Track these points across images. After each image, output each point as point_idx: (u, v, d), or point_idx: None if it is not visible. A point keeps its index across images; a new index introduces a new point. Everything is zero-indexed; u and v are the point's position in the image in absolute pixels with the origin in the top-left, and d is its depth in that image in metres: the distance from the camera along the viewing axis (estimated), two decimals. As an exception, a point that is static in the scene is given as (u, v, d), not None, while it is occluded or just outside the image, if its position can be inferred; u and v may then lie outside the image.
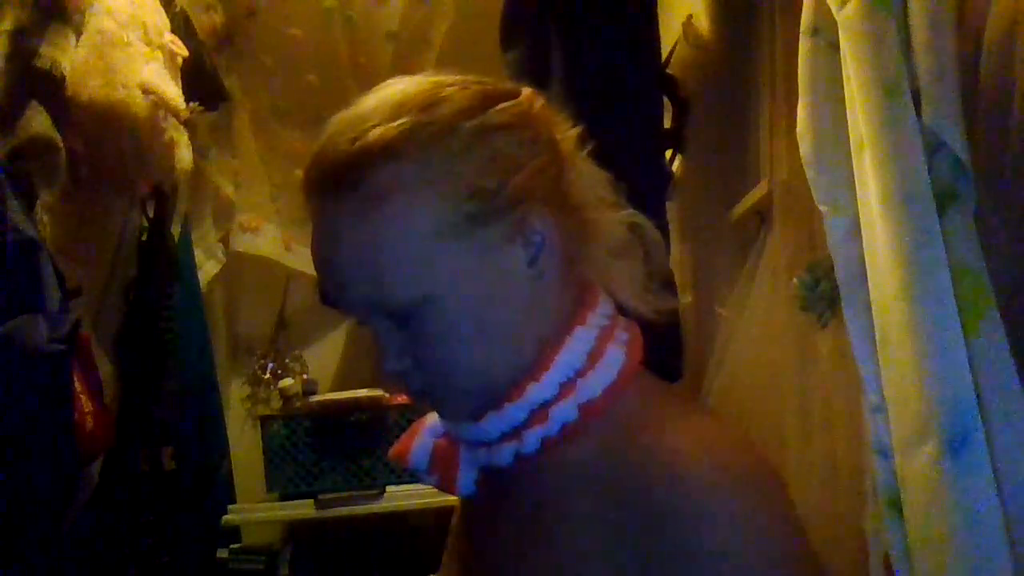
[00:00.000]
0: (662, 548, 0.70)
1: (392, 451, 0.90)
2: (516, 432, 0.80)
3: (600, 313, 0.83)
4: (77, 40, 1.74)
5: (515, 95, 0.82)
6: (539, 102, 0.83)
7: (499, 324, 0.79)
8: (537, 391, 0.79)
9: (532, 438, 0.79)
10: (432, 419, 0.89)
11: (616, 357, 0.81)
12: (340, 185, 0.76)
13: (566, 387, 0.79)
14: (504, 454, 0.81)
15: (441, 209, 0.76)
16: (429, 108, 0.77)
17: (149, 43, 1.92)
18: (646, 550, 0.71)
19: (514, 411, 0.79)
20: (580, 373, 0.79)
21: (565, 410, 0.79)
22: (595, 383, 0.79)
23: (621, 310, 0.85)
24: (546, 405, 0.79)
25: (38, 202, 1.64)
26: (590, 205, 0.83)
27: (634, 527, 0.72)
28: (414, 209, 0.76)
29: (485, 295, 0.78)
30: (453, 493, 0.89)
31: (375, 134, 0.76)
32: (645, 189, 0.87)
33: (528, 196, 0.78)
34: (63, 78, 1.68)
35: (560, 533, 0.78)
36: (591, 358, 0.80)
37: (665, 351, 0.86)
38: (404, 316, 0.78)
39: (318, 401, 2.40)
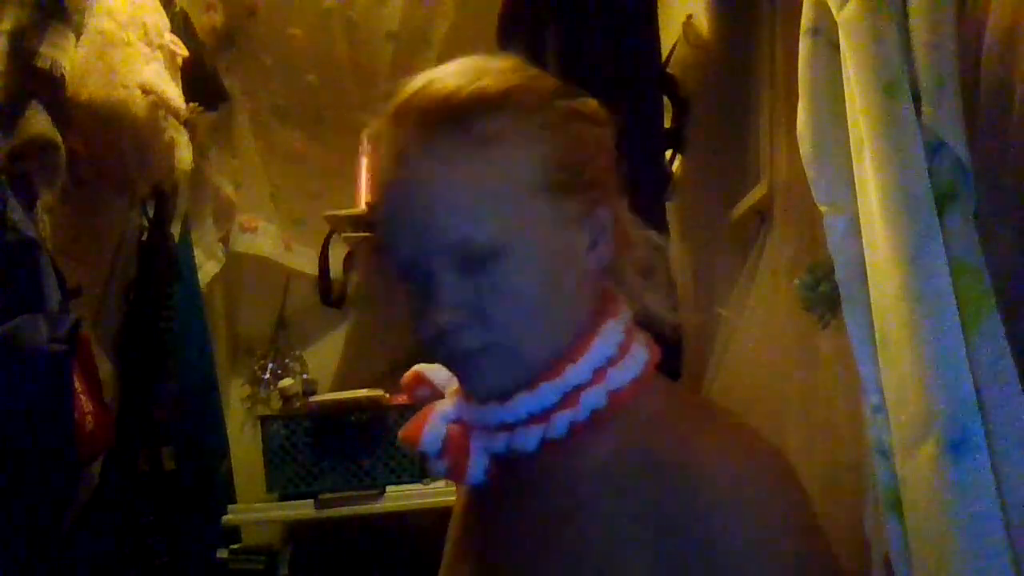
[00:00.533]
0: (699, 540, 0.73)
1: (402, 433, 0.90)
2: (544, 414, 0.80)
3: (625, 312, 0.86)
4: (77, 40, 1.74)
5: (583, 95, 0.86)
6: (604, 109, 0.87)
7: (558, 295, 0.81)
8: (574, 373, 0.80)
9: (561, 421, 0.80)
10: (443, 405, 0.89)
11: (641, 352, 0.84)
12: (453, 122, 0.78)
13: (599, 373, 0.81)
14: (530, 438, 0.81)
15: (538, 168, 0.79)
16: (530, 78, 0.82)
17: (149, 43, 1.92)
18: (683, 545, 0.73)
19: (548, 391, 0.80)
20: (612, 362, 0.81)
21: (596, 395, 0.80)
22: (624, 373, 0.82)
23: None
24: (578, 389, 0.80)
25: (38, 202, 1.64)
26: (627, 217, 0.87)
27: (671, 520, 0.74)
28: (517, 159, 0.78)
29: (553, 262, 0.80)
30: (461, 481, 0.89)
31: (490, 82, 0.79)
32: (645, 189, 0.89)
33: (600, 185, 0.83)
34: (63, 78, 1.68)
35: (589, 523, 0.79)
36: (621, 349, 0.82)
37: (664, 351, 0.87)
38: (477, 262, 0.78)
39: (318, 401, 2.40)
